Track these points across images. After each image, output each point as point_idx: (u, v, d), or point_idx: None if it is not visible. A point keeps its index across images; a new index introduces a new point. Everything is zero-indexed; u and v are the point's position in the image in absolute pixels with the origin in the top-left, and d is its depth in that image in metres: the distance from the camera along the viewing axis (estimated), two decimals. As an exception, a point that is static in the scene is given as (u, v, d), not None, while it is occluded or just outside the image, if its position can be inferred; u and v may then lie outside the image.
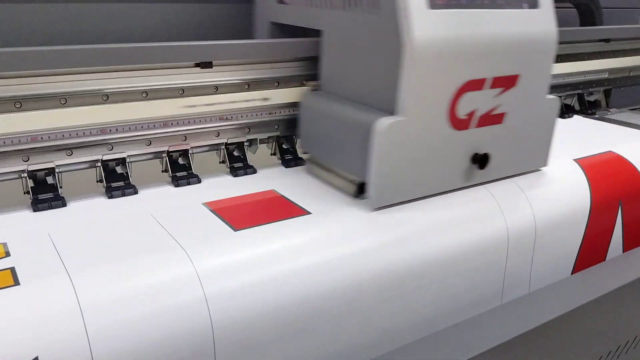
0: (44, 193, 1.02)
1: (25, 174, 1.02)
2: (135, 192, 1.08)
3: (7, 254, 0.83)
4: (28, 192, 1.02)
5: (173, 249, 0.86)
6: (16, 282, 0.76)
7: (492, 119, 1.14)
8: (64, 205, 1.01)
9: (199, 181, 1.15)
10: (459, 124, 1.09)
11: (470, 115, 1.10)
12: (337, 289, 0.90)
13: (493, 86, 1.11)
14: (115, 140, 1.09)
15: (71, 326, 0.72)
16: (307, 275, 0.88)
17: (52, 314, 0.73)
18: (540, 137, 1.27)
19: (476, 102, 1.09)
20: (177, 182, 1.13)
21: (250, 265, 0.85)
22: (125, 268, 0.81)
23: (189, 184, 1.14)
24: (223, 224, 0.93)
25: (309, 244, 0.93)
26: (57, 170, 1.04)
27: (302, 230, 0.96)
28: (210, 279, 0.82)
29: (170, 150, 1.15)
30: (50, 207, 1.00)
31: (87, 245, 0.87)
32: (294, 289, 0.86)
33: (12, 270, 0.79)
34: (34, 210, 0.99)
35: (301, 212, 1.00)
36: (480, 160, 1.14)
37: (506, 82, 1.13)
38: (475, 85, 1.07)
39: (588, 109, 1.90)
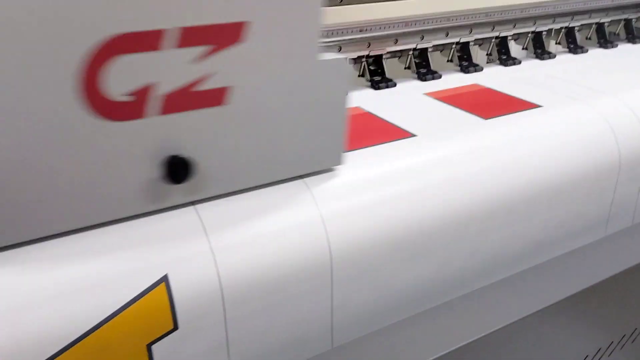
0: None
1: None
2: None
3: None
4: None
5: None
6: None
7: (197, 98, 0.69)
8: None
9: None
10: (115, 110, 0.65)
11: (143, 94, 0.67)
12: (449, 213, 0.90)
13: (187, 43, 0.66)
14: None
15: (196, 243, 0.71)
16: (421, 197, 0.88)
17: (177, 231, 0.72)
18: (318, 124, 0.79)
19: (152, 72, 0.65)
20: None
21: (365, 187, 0.85)
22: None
23: None
24: None
25: (420, 166, 0.91)
26: None
27: (412, 153, 0.92)
28: (325, 199, 0.81)
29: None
30: None
31: None
32: (407, 211, 0.86)
33: None
34: None
35: (406, 134, 0.96)
36: (173, 171, 0.70)
37: (217, 36, 0.67)
38: (137, 42, 0.63)
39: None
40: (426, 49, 1.28)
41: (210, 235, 0.72)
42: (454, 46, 1.33)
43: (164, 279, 0.68)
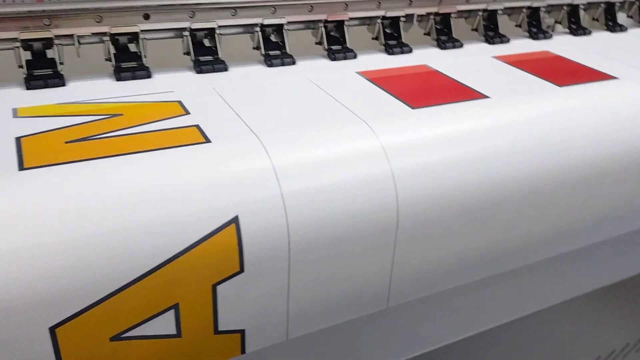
0: (205, 55, 0.97)
1: (187, 34, 0.96)
2: (294, 63, 1.03)
3: (187, 112, 0.81)
4: (188, 53, 0.97)
5: (354, 122, 0.82)
6: (206, 139, 0.73)
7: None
8: (226, 69, 0.97)
9: (355, 56, 1.07)
10: None
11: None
12: (521, 179, 0.86)
13: None
14: (277, 3, 1.03)
15: (267, 187, 0.69)
16: (492, 160, 0.84)
17: (249, 174, 0.70)
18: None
19: None
20: (333, 55, 1.06)
21: (436, 146, 0.82)
22: (311, 135, 0.78)
23: (345, 58, 1.07)
24: (397, 101, 0.89)
25: (493, 128, 0.87)
26: (217, 32, 0.97)
27: (485, 115, 0.88)
28: (397, 155, 0.78)
29: (328, 19, 1.08)
30: (214, 70, 0.96)
31: (264, 110, 0.84)
32: (477, 173, 0.83)
33: (198, 127, 0.76)
34: (197, 72, 0.95)
35: (478, 95, 0.92)
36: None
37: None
38: None
39: None
40: (496, 11, 1.23)
41: (282, 180, 0.71)
42: (524, 11, 1.27)
43: (234, 220, 0.66)
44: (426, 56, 1.10)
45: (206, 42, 0.98)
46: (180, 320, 0.67)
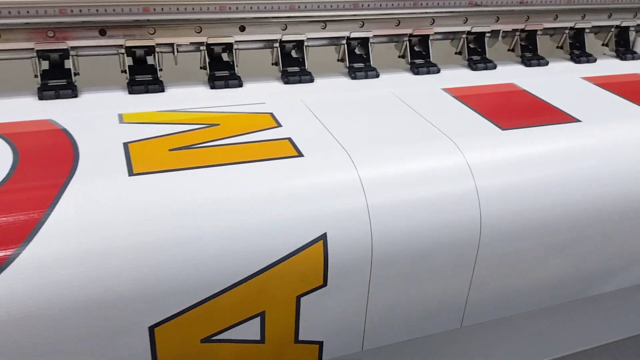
0: (292, 66, 1.01)
1: (277, 45, 1.00)
2: (377, 76, 1.04)
3: (279, 124, 0.83)
4: (276, 64, 1.01)
5: (439, 138, 0.83)
6: (299, 153, 0.75)
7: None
8: (312, 80, 0.99)
9: (438, 70, 1.08)
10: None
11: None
12: (607, 206, 0.84)
13: None
14: (366, 17, 1.04)
15: (355, 203, 0.71)
16: (580, 185, 0.83)
17: (338, 191, 0.72)
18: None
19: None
20: (416, 69, 1.07)
21: (524, 167, 0.82)
22: (399, 150, 0.79)
23: (428, 72, 1.07)
24: (486, 120, 0.89)
25: (583, 153, 0.85)
26: (305, 44, 1.01)
27: (576, 137, 0.87)
28: (481, 172, 0.79)
29: (413, 34, 1.08)
30: (300, 81, 0.98)
31: (352, 124, 0.85)
32: (563, 198, 0.82)
33: (290, 140, 0.79)
34: (285, 83, 0.98)
35: (569, 118, 0.91)
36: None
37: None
38: None
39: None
40: (583, 29, 1.20)
41: (369, 197, 0.72)
42: (612, 30, 1.24)
43: (323, 237, 0.69)
44: (511, 73, 1.09)
45: (294, 54, 1.01)
46: (265, 327, 0.70)
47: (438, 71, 1.07)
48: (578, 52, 1.20)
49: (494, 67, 1.11)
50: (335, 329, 0.75)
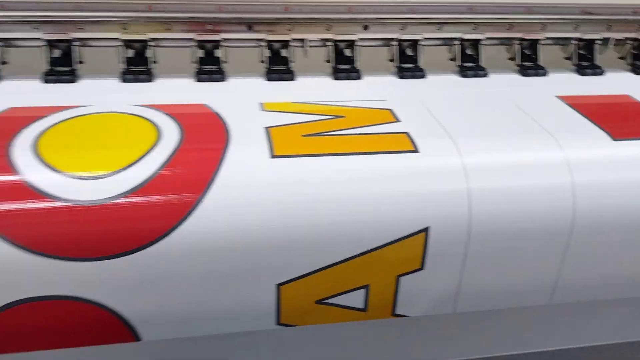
0: (407, 63, 1.09)
1: (395, 43, 1.08)
2: (485, 75, 1.10)
3: (397, 120, 0.88)
4: (392, 60, 1.10)
5: (543, 136, 0.87)
6: (415, 149, 0.79)
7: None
8: (424, 76, 1.08)
9: (546, 73, 1.13)
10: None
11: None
12: None
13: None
14: (479, 20, 1.10)
15: (459, 205, 0.75)
16: None
17: (446, 190, 0.77)
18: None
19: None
20: (525, 71, 1.13)
21: (627, 171, 0.84)
22: (513, 160, 0.83)
23: (536, 74, 1.12)
24: (595, 127, 0.91)
25: None
26: (420, 43, 1.09)
27: None
28: (581, 170, 0.82)
29: (524, 37, 1.14)
30: (413, 77, 1.08)
31: (467, 125, 0.89)
32: None
33: (408, 134, 0.82)
34: (399, 77, 1.08)
35: None
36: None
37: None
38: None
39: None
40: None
41: (473, 199, 0.79)
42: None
43: (425, 230, 0.78)
44: (619, 80, 1.11)
45: (408, 52, 1.11)
46: (369, 298, 0.82)
47: (545, 74, 1.12)
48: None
49: (602, 72, 1.14)
50: (428, 308, 0.85)
